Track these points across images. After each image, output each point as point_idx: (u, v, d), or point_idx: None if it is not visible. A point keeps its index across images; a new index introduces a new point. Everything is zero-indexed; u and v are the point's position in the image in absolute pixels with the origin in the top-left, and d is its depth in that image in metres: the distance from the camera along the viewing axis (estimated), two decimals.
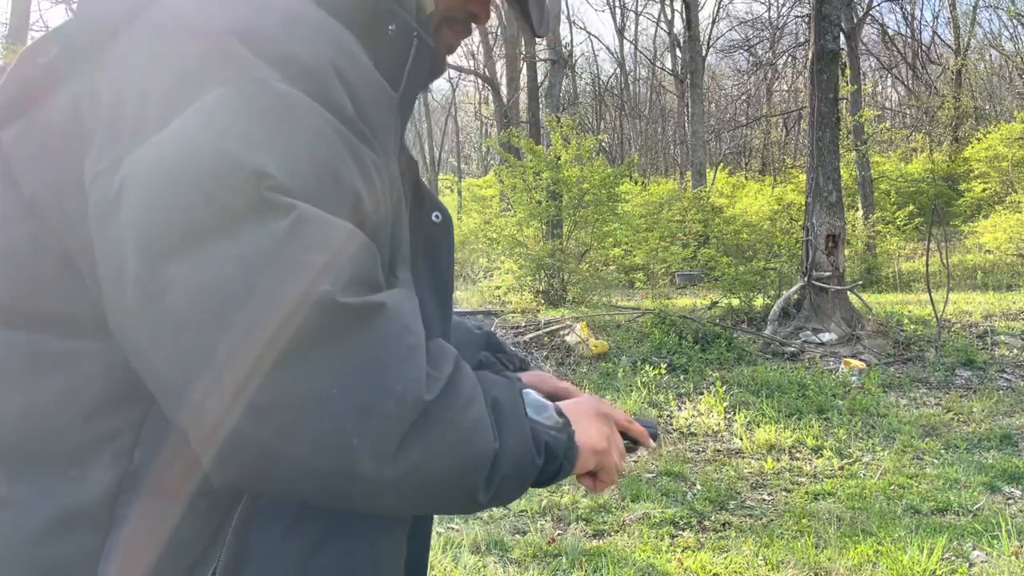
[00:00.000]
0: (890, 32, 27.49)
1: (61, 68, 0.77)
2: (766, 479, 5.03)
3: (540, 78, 19.81)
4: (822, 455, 5.45)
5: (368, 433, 0.65)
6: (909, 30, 28.80)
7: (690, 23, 23.80)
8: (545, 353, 8.40)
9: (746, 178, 27.89)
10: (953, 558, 3.71)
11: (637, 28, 35.84)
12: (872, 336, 8.76)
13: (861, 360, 8.04)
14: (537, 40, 19.57)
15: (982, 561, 3.67)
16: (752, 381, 7.19)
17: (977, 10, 28.03)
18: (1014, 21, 26.98)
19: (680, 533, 4.11)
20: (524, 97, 19.55)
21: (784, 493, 4.78)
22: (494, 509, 3.72)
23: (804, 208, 10.46)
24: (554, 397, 0.93)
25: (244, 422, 0.64)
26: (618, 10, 33.36)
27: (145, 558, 0.72)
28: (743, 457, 5.47)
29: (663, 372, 7.41)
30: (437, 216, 0.95)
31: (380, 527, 0.83)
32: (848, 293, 9.56)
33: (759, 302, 9.91)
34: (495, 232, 13.13)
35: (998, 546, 3.76)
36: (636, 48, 35.13)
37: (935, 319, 8.63)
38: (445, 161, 35.21)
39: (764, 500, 4.68)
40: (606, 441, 0.92)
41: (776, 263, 11.88)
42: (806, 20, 22.33)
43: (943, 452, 5.52)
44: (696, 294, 13.83)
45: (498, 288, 12.66)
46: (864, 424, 6.12)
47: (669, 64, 32.73)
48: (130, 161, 0.67)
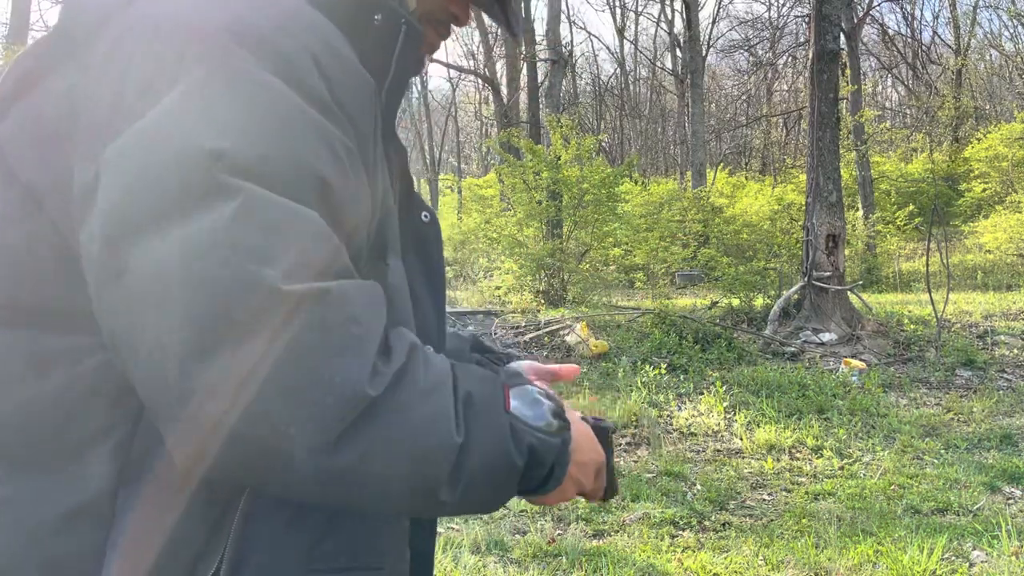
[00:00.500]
0: (890, 32, 27.51)
1: (51, 60, 0.79)
2: (766, 479, 5.03)
3: (540, 78, 19.81)
4: (822, 455, 5.45)
5: (302, 421, 0.64)
6: (909, 30, 28.81)
7: (690, 23, 23.81)
8: (545, 353, 8.41)
9: (746, 178, 27.86)
10: (953, 558, 3.71)
11: (637, 28, 35.82)
12: (872, 336, 8.76)
13: (861, 360, 8.04)
14: (537, 40, 19.59)
15: (982, 561, 3.67)
16: (752, 381, 7.19)
17: (977, 10, 28.04)
18: (1014, 21, 26.97)
19: (680, 533, 4.11)
20: (524, 97, 19.53)
21: (784, 493, 4.78)
22: None
23: (804, 208, 10.46)
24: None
25: (182, 407, 0.64)
26: (618, 10, 33.37)
27: (149, 550, 0.72)
28: (743, 457, 5.47)
29: (663, 372, 7.41)
30: (426, 216, 0.96)
31: (385, 516, 0.83)
32: (848, 293, 9.56)
33: (759, 302, 9.91)
34: (495, 232, 13.14)
35: (998, 546, 3.76)
36: (636, 48, 35.13)
37: (935, 319, 8.63)
38: (445, 161, 35.20)
39: (764, 500, 4.68)
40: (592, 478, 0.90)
41: (776, 263, 11.90)
42: (806, 20, 22.32)
43: (943, 452, 5.52)
44: (696, 294, 13.83)
45: (498, 288, 12.67)
46: (864, 424, 6.12)
47: (669, 64, 32.73)
48: (109, 150, 0.68)
